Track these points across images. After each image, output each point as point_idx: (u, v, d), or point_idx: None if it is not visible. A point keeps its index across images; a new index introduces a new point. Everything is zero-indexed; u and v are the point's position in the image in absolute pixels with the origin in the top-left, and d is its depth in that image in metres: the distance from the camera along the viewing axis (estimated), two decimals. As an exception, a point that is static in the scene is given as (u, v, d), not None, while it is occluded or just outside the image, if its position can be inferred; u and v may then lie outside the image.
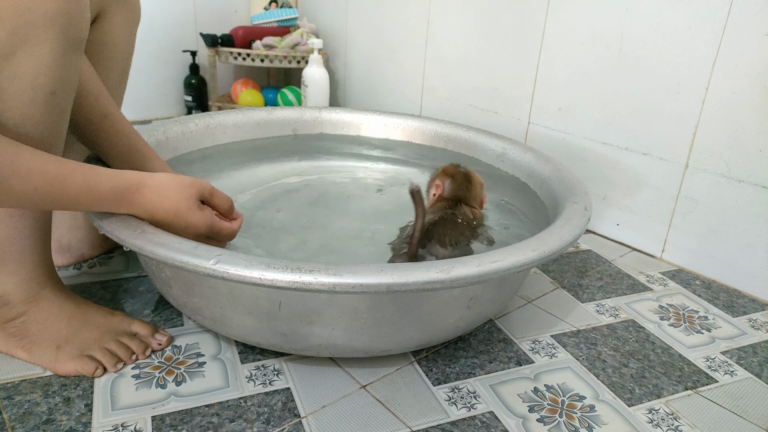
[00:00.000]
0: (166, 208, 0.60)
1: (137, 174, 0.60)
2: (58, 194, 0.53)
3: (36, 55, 0.52)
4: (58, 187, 0.53)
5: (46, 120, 0.56)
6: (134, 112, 1.60)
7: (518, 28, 1.14)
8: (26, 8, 0.50)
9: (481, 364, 0.70)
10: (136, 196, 0.59)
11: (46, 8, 0.51)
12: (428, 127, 1.11)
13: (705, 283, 0.95)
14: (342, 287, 0.52)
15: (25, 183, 0.51)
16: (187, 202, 0.62)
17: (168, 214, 0.61)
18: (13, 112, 0.53)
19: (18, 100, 0.53)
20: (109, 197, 0.57)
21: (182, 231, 0.62)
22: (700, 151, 0.92)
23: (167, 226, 0.61)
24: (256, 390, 0.63)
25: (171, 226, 0.61)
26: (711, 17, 0.87)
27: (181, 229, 0.62)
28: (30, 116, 0.54)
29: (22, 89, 0.53)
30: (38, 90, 0.54)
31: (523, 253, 0.59)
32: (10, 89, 0.52)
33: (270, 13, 1.59)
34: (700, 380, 0.70)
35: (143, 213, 0.60)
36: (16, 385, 0.61)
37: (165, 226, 0.61)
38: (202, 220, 0.63)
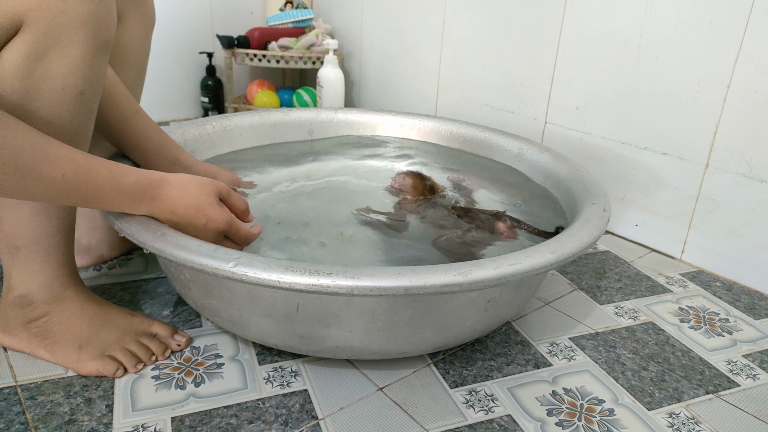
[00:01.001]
0: (188, 203, 0.61)
1: (159, 172, 0.61)
2: (84, 184, 0.54)
3: (67, 56, 0.54)
4: (85, 177, 0.54)
5: (75, 119, 0.58)
6: (151, 114, 1.60)
7: (535, 27, 1.13)
8: (59, 11, 0.52)
9: (498, 366, 0.69)
10: (158, 191, 0.60)
11: (77, 11, 0.53)
12: (444, 128, 1.11)
13: (726, 285, 0.93)
14: (360, 290, 0.52)
15: (54, 169, 0.51)
16: (207, 197, 0.62)
17: (189, 209, 0.61)
18: (44, 111, 0.55)
19: (49, 99, 0.55)
20: (132, 191, 0.58)
21: (202, 227, 0.62)
22: (721, 150, 0.91)
23: (187, 224, 0.61)
24: (274, 391, 0.63)
25: (191, 223, 0.61)
26: (733, 13, 0.86)
27: (201, 225, 0.62)
28: (59, 115, 0.56)
29: (53, 89, 0.54)
30: (68, 90, 0.55)
31: (542, 255, 0.59)
32: (42, 88, 0.54)
33: (285, 14, 1.60)
34: (721, 384, 0.69)
35: (164, 209, 0.61)
36: (38, 385, 0.62)
37: (185, 223, 0.61)
38: (222, 216, 0.63)
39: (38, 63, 0.53)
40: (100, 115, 0.69)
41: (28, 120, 0.54)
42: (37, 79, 0.53)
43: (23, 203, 0.60)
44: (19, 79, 0.53)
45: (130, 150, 0.77)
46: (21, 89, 0.53)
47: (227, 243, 0.65)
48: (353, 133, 1.14)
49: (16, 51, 0.52)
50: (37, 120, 0.55)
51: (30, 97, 0.54)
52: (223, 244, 0.64)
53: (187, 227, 0.61)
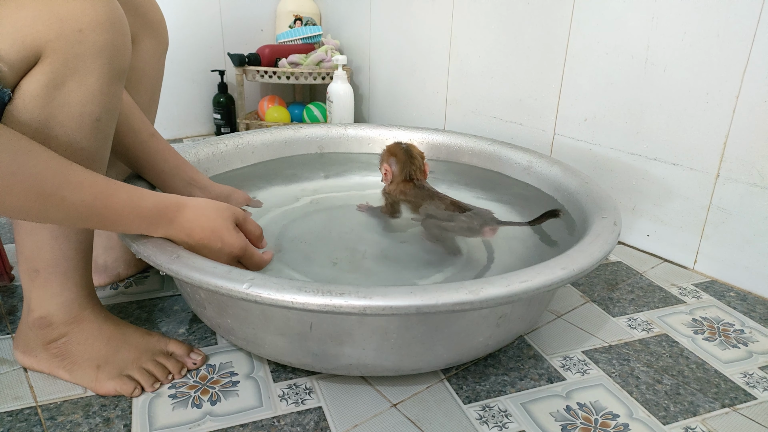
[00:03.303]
0: (204, 227, 0.63)
1: (177, 196, 0.63)
2: (104, 209, 0.55)
3: (84, 84, 0.56)
4: (104, 201, 0.55)
5: (92, 144, 0.59)
6: (165, 131, 1.64)
7: (542, 39, 1.14)
8: (77, 41, 0.54)
9: (511, 381, 0.70)
10: (176, 215, 0.62)
11: (94, 41, 0.55)
12: (453, 141, 1.12)
13: (740, 295, 0.92)
14: (372, 310, 0.53)
15: (75, 194, 0.53)
16: (224, 222, 0.64)
17: (205, 233, 0.63)
18: (62, 137, 0.57)
19: (67, 125, 0.57)
20: (150, 215, 0.59)
21: (217, 252, 0.64)
22: (731, 160, 0.91)
23: (203, 247, 0.63)
24: (288, 409, 0.64)
25: (207, 246, 0.63)
26: (740, 24, 0.86)
27: (217, 250, 0.64)
28: (77, 141, 0.58)
29: (71, 116, 0.56)
30: (85, 117, 0.57)
31: (552, 272, 0.59)
32: (60, 116, 0.56)
33: (295, 31, 1.62)
34: (737, 397, 0.69)
35: (181, 232, 0.62)
36: (58, 405, 0.63)
37: (201, 246, 0.63)
38: (238, 241, 0.65)
39: (57, 91, 0.55)
40: (117, 139, 0.71)
41: (47, 146, 0.56)
42: (56, 107, 0.55)
43: (42, 227, 0.61)
44: (38, 107, 0.55)
45: (146, 172, 0.78)
46: (41, 117, 0.55)
47: (240, 267, 0.66)
48: (363, 149, 1.15)
49: (36, 80, 0.54)
50: (55, 146, 0.57)
51: (49, 125, 0.56)
52: (238, 266, 0.66)
53: (203, 249, 0.63)
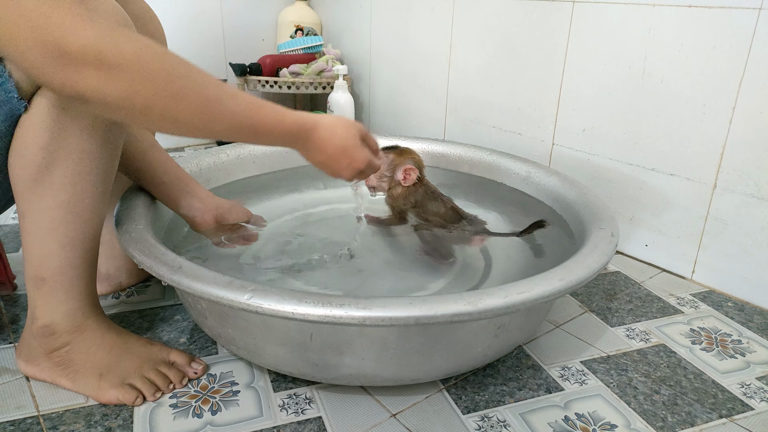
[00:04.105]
0: (336, 145, 0.66)
1: (309, 114, 0.66)
2: (256, 119, 0.58)
3: None
4: (256, 112, 0.58)
5: (102, 155, 0.61)
6: (167, 140, 1.65)
7: (541, 50, 1.15)
8: None
9: (510, 391, 0.70)
10: (312, 132, 0.64)
11: None
12: (452, 151, 1.13)
13: (738, 305, 0.93)
14: (372, 321, 0.53)
15: (233, 103, 0.55)
16: (353, 140, 0.67)
17: (337, 150, 0.66)
18: (74, 147, 0.58)
19: (78, 136, 0.58)
20: (291, 129, 0.61)
21: (346, 167, 0.67)
22: (728, 171, 0.92)
23: (334, 161, 0.66)
24: (288, 419, 0.64)
25: (337, 161, 0.67)
26: (736, 36, 0.87)
27: (346, 165, 0.67)
28: (88, 151, 0.59)
29: (82, 127, 0.58)
30: (97, 127, 0.59)
31: (550, 283, 0.60)
32: (72, 126, 0.57)
33: (296, 41, 1.64)
34: (735, 408, 0.69)
35: (315, 148, 0.65)
36: (60, 414, 0.64)
37: (332, 161, 0.66)
38: (364, 157, 0.68)
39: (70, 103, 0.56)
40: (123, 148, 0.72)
41: (57, 155, 0.58)
42: (69, 118, 0.57)
43: (52, 236, 0.62)
44: (52, 118, 0.56)
45: (146, 182, 0.79)
46: (54, 127, 0.57)
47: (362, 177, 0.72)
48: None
49: (51, 93, 0.55)
50: (67, 156, 0.58)
51: (62, 135, 0.57)
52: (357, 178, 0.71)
53: (333, 164, 0.67)
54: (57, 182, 0.59)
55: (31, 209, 0.61)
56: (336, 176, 0.69)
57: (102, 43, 0.46)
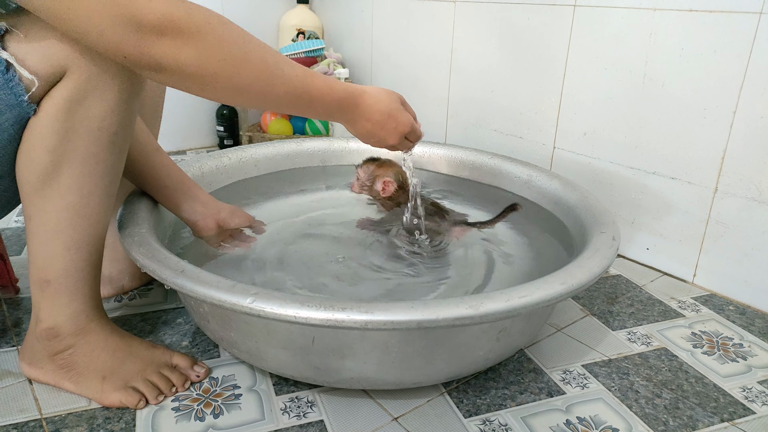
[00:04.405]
0: (381, 110, 0.70)
1: (354, 84, 0.69)
2: (310, 86, 0.61)
3: (104, 100, 0.58)
4: (310, 80, 0.61)
5: (109, 157, 0.61)
6: (169, 143, 1.66)
7: (542, 54, 1.15)
8: (100, 59, 0.56)
9: (511, 395, 0.70)
10: (360, 100, 0.68)
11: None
12: (454, 155, 1.13)
13: (739, 309, 0.93)
14: (374, 324, 0.53)
15: (291, 69, 0.59)
16: (396, 104, 0.72)
17: (383, 116, 0.70)
18: (81, 150, 0.59)
19: (85, 139, 0.59)
20: (341, 97, 0.65)
21: (392, 130, 0.71)
22: (729, 175, 0.92)
23: (380, 128, 0.70)
24: (290, 422, 0.64)
25: (384, 127, 0.71)
26: (737, 41, 0.87)
27: (392, 129, 0.71)
28: (95, 154, 0.60)
29: (90, 129, 0.59)
30: (104, 130, 0.60)
31: (552, 287, 0.60)
32: (80, 129, 0.58)
33: (298, 45, 1.64)
34: (736, 411, 0.69)
35: (362, 116, 0.69)
36: (63, 418, 0.64)
37: (378, 127, 0.70)
38: (407, 119, 0.73)
39: (78, 106, 0.57)
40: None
41: (64, 158, 0.58)
42: (77, 121, 0.58)
43: (57, 238, 0.62)
44: (60, 121, 0.57)
45: (150, 186, 0.79)
46: (61, 130, 0.57)
47: (404, 143, 0.76)
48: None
49: (59, 95, 0.56)
50: (73, 158, 0.59)
51: (69, 137, 0.58)
52: (402, 144, 0.75)
53: (380, 131, 0.71)
54: (64, 185, 0.59)
55: (37, 211, 0.61)
56: (382, 144, 0.73)
57: (176, 12, 0.50)
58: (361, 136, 0.71)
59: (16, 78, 0.54)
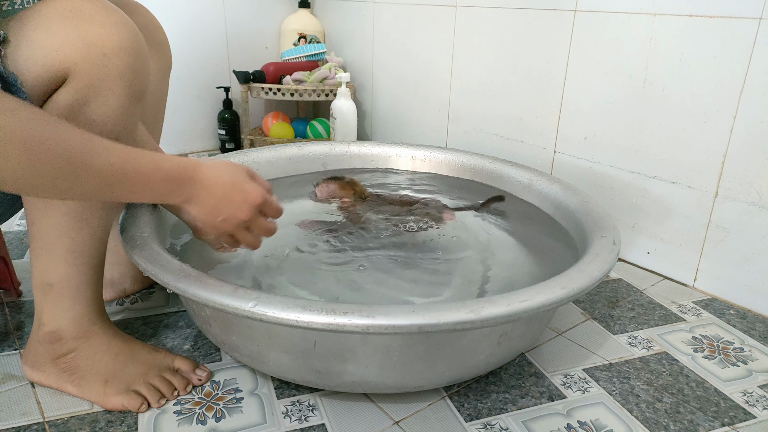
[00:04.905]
0: (224, 181, 0.63)
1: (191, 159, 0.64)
2: (131, 171, 0.56)
3: (106, 104, 0.58)
4: (131, 164, 0.56)
5: None
6: (171, 146, 1.66)
7: (542, 59, 1.16)
8: (101, 64, 0.56)
9: (512, 399, 0.70)
10: (196, 172, 0.62)
11: (117, 64, 0.57)
12: (455, 159, 1.13)
13: (740, 313, 0.93)
14: (375, 329, 0.54)
15: (102, 159, 0.53)
16: (241, 174, 0.65)
17: (226, 186, 0.63)
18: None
19: None
20: (173, 175, 0.60)
21: (241, 203, 0.64)
22: (729, 179, 0.92)
23: (227, 202, 0.63)
24: (292, 426, 0.64)
25: (230, 200, 0.63)
26: (737, 46, 0.88)
27: (240, 201, 0.64)
28: None
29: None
30: (105, 135, 0.59)
31: (553, 291, 0.60)
32: None
33: (299, 49, 1.65)
34: (737, 416, 0.69)
35: (203, 189, 0.62)
36: (65, 421, 0.64)
37: (225, 201, 0.63)
38: (257, 189, 0.65)
39: (80, 111, 0.57)
40: None
41: None
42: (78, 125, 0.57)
43: (59, 242, 0.63)
44: None
45: None
46: None
47: (260, 221, 0.67)
48: (367, 166, 1.16)
49: (61, 100, 0.57)
50: None
51: None
52: (257, 222, 0.66)
53: (226, 206, 0.63)
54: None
55: (39, 216, 0.62)
56: (232, 223, 0.64)
57: None
58: (206, 215, 0.63)
59: (18, 83, 0.54)
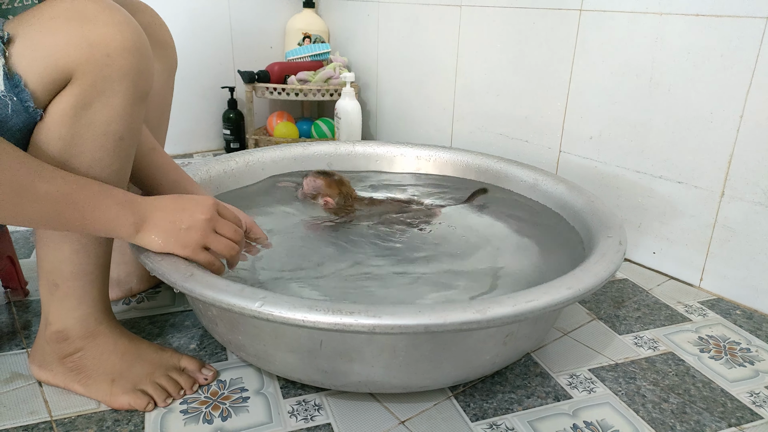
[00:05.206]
0: (170, 199, 0.63)
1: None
2: (79, 196, 0.56)
3: (109, 105, 0.58)
4: (79, 190, 0.56)
5: (114, 163, 0.61)
6: (177, 146, 1.67)
7: (548, 58, 1.16)
8: (105, 64, 0.56)
9: (518, 399, 0.70)
10: (144, 199, 0.62)
11: (120, 65, 0.57)
12: (460, 159, 1.13)
13: (746, 313, 0.93)
14: (381, 328, 0.54)
15: (49, 185, 0.54)
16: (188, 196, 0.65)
17: (174, 201, 0.63)
18: (86, 156, 0.59)
19: (91, 144, 0.59)
20: (123, 199, 0.59)
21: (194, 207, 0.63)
22: (736, 179, 0.92)
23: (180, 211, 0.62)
24: (298, 425, 0.64)
25: (183, 209, 0.63)
26: (744, 45, 0.87)
27: (193, 206, 0.63)
28: (100, 159, 0.60)
29: (96, 135, 0.59)
30: (109, 136, 0.60)
31: (558, 291, 0.60)
32: (86, 135, 0.58)
33: (304, 49, 1.65)
34: (744, 417, 0.69)
35: (154, 210, 0.61)
36: (72, 420, 0.64)
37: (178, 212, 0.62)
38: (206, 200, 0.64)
39: (84, 111, 0.57)
40: None
41: (71, 163, 0.58)
42: (83, 126, 0.58)
43: (65, 242, 0.63)
44: (66, 127, 0.57)
45: (147, 185, 0.78)
46: (67, 136, 0.57)
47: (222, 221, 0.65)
48: (371, 166, 1.16)
49: (65, 101, 0.57)
50: (79, 164, 0.59)
51: (75, 142, 0.58)
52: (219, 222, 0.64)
53: (183, 214, 0.62)
54: None
55: None
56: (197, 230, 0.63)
57: None
58: (166, 231, 0.61)
59: (22, 84, 0.54)
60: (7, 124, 0.56)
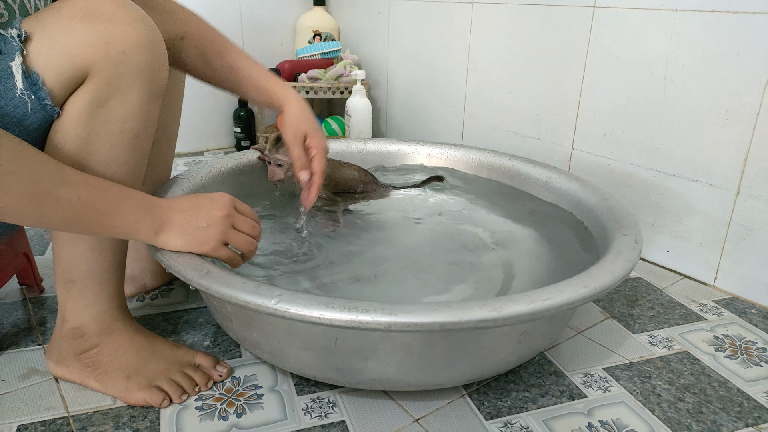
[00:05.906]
0: (185, 199, 0.64)
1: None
2: (100, 202, 0.56)
3: (125, 102, 0.59)
4: (99, 195, 0.56)
5: (130, 160, 0.62)
6: (188, 144, 1.67)
7: (560, 55, 1.15)
8: (120, 61, 0.57)
9: (533, 398, 0.70)
10: (161, 202, 0.62)
11: (136, 61, 0.57)
12: (471, 156, 1.13)
13: (762, 312, 0.92)
14: (397, 326, 0.54)
15: (71, 192, 0.54)
16: (205, 195, 0.65)
17: (189, 200, 0.64)
18: (102, 153, 0.59)
19: (107, 142, 0.59)
20: (142, 202, 0.60)
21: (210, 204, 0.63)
22: (751, 177, 0.91)
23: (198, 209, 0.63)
24: (312, 423, 0.65)
25: (200, 206, 0.63)
26: (760, 42, 0.86)
27: (209, 203, 0.63)
28: (116, 156, 0.60)
29: (111, 132, 0.59)
30: (125, 133, 0.60)
31: (575, 290, 0.60)
32: (101, 132, 0.59)
33: (314, 47, 1.65)
34: (761, 416, 0.69)
35: (171, 212, 0.62)
36: (89, 416, 0.65)
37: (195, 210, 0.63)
38: (224, 197, 0.65)
39: (100, 109, 0.58)
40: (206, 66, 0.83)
41: (87, 161, 0.59)
42: (99, 124, 0.58)
43: (81, 239, 0.63)
44: (82, 124, 0.57)
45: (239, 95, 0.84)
46: (83, 134, 0.58)
47: (239, 217, 0.65)
48: (383, 163, 1.16)
49: (81, 98, 0.57)
50: (95, 162, 0.59)
51: (91, 140, 0.58)
52: (237, 218, 0.65)
53: (200, 211, 0.63)
54: None
55: None
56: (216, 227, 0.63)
57: None
58: (186, 232, 0.62)
59: (39, 82, 0.55)
60: (24, 122, 0.56)
